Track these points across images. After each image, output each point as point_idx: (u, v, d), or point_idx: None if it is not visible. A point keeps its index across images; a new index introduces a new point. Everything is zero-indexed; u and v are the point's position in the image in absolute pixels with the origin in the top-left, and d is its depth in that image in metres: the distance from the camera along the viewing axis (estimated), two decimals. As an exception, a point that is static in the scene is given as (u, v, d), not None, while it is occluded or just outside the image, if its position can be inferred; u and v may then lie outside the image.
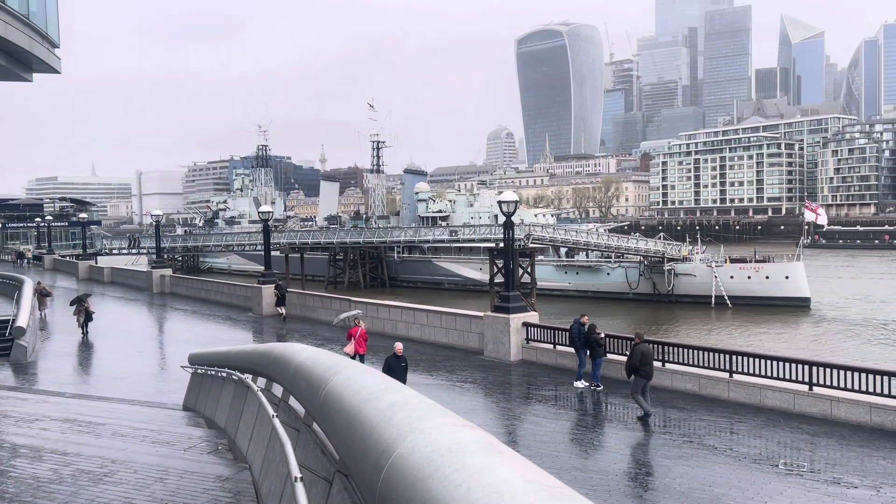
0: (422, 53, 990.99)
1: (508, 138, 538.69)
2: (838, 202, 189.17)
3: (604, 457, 14.35)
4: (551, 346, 22.77)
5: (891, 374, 15.52)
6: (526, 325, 23.83)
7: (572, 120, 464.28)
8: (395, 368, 16.40)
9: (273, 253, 48.31)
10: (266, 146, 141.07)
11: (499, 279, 53.13)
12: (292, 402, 7.40)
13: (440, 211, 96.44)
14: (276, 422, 6.38)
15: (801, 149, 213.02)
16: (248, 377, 10.31)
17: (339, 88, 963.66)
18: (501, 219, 24.80)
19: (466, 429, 2.58)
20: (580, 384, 19.69)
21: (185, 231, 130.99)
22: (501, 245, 39.49)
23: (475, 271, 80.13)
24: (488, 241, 69.75)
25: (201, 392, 15.74)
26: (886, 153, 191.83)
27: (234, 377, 11.38)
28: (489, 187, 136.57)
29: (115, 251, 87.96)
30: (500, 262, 55.56)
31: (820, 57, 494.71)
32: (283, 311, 35.03)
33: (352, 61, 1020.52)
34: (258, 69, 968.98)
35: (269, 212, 38.89)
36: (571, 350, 20.68)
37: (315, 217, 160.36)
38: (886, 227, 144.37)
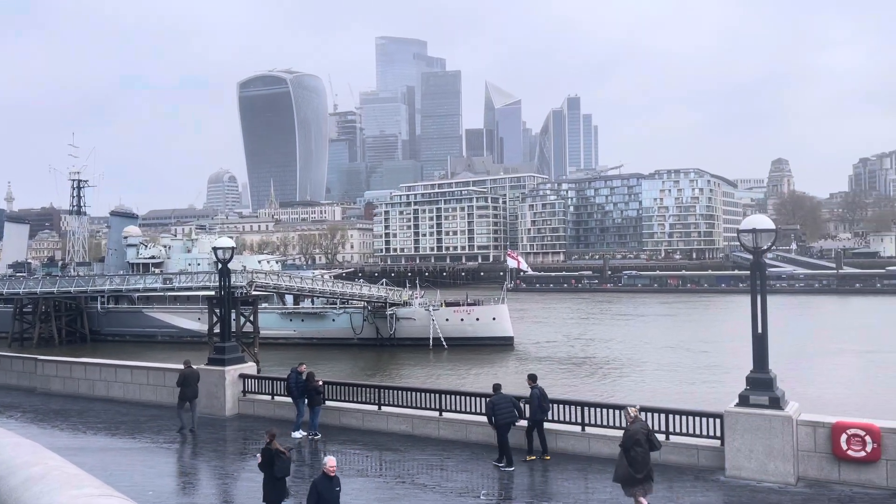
0: (149, 95, 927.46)
1: (231, 182, 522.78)
2: (535, 251, 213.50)
3: (319, 507, 14.15)
4: (269, 398, 22.14)
5: (579, 404, 17.63)
6: (243, 376, 22.91)
7: (297, 167, 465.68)
8: (329, 498, 11.00)
9: (-63, 306, 40.75)
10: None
11: (218, 329, 50.56)
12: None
13: (153, 257, 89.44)
14: None
15: (505, 203, 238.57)
16: None
17: (47, 126, 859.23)
18: (220, 266, 23.70)
19: (103, 499, 2.34)
20: (298, 434, 19.35)
21: None
22: (220, 293, 37.71)
23: (193, 322, 75.35)
24: (208, 289, 66.17)
25: None
26: (571, 209, 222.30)
27: None
28: (209, 232, 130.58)
29: None
30: (220, 311, 52.97)
31: (518, 122, 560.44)
32: None
33: (71, 99, 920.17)
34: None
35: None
36: (290, 400, 20.28)
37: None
38: (568, 272, 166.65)
